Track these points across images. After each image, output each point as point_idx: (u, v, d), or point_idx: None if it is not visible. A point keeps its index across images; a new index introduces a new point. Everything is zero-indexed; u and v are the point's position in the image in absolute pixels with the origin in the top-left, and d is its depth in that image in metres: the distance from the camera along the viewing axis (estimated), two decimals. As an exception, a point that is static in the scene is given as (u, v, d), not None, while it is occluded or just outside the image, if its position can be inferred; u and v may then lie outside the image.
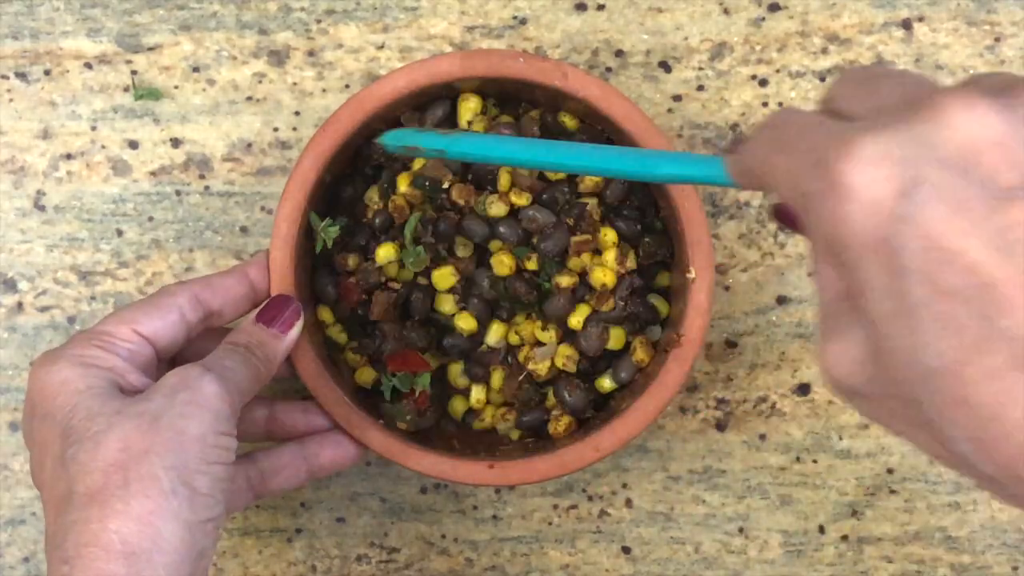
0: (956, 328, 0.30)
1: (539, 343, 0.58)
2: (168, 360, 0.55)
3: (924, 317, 0.31)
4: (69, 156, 0.63)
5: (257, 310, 0.55)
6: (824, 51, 0.62)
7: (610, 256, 0.57)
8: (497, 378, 0.59)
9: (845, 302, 0.34)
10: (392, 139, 0.54)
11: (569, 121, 0.58)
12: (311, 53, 0.63)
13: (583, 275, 0.58)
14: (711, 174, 0.41)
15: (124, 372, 0.51)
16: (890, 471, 0.63)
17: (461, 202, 0.57)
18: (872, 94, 0.35)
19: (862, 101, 0.35)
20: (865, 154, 0.31)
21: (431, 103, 0.58)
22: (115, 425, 0.47)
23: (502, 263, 0.57)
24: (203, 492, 0.48)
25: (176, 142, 0.63)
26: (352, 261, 0.58)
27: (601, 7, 0.63)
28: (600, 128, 0.58)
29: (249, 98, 0.63)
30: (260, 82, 0.63)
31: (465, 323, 0.58)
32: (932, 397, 0.31)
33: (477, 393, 0.59)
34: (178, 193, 0.63)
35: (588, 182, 0.57)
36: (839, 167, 0.32)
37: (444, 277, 0.57)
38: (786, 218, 0.40)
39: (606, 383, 0.58)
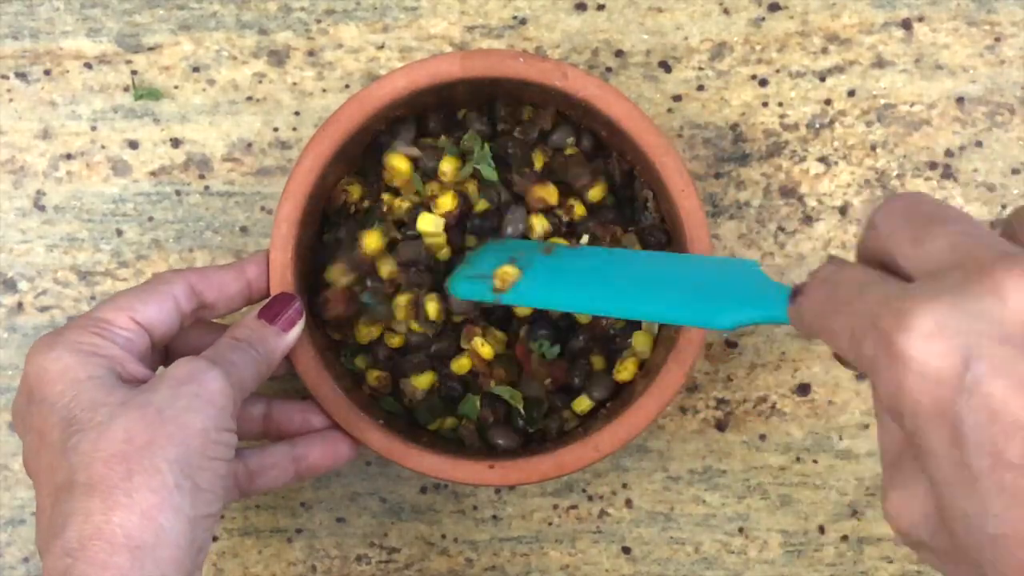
0: (1021, 499, 0.31)
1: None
2: (160, 349, 0.55)
3: (988, 487, 0.32)
4: (69, 156, 0.63)
5: (259, 306, 0.55)
6: (824, 51, 0.62)
7: None
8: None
9: (909, 453, 0.35)
10: (459, 291, 0.56)
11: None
12: (311, 53, 0.63)
13: None
14: (777, 317, 0.43)
15: (124, 361, 0.50)
16: (890, 471, 0.63)
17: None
18: (919, 243, 0.35)
19: (911, 252, 0.36)
20: (923, 326, 0.32)
21: (429, 114, 0.59)
22: (118, 416, 0.47)
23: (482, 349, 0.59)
24: (204, 487, 0.48)
25: (176, 142, 0.63)
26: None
27: (601, 7, 0.63)
28: (599, 129, 0.58)
29: (249, 98, 0.63)
30: (260, 82, 0.63)
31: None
32: (995, 563, 0.32)
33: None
34: (178, 193, 0.63)
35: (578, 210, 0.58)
36: (897, 337, 0.32)
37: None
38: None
39: (585, 402, 0.59)
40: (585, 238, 0.58)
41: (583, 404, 0.59)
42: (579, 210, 0.58)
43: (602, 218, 0.59)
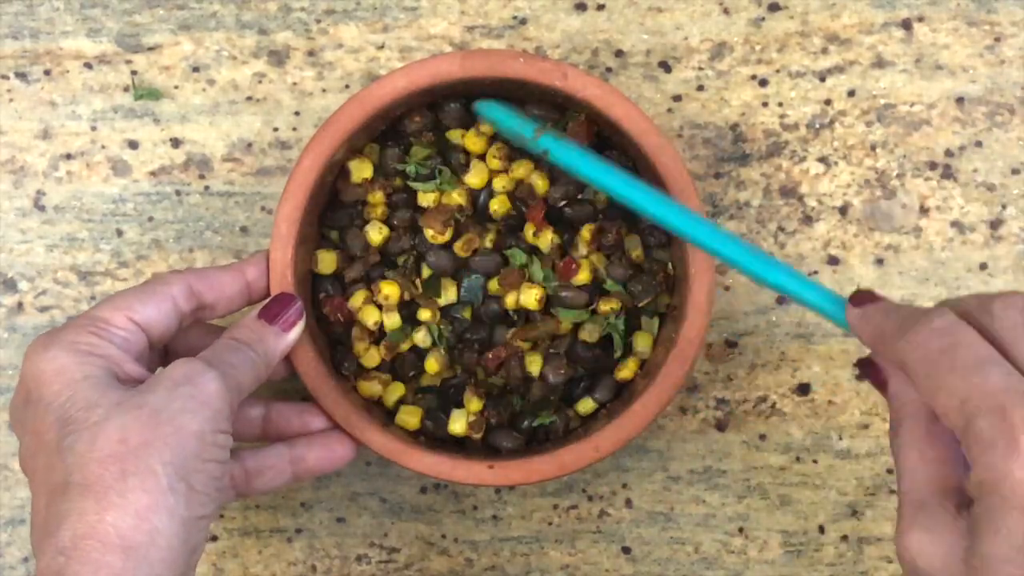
0: None
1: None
2: (159, 349, 0.55)
3: None
4: (69, 156, 0.63)
5: (259, 306, 0.55)
6: (824, 51, 0.62)
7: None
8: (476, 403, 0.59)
9: (946, 499, 0.41)
10: (490, 110, 0.56)
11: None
12: (311, 53, 0.63)
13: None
14: (827, 308, 0.47)
15: (121, 361, 0.50)
16: (890, 471, 0.63)
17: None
18: None
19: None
20: None
21: (444, 102, 0.58)
22: (113, 417, 0.47)
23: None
24: (198, 489, 0.47)
25: (176, 142, 0.63)
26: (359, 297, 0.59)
27: (601, 7, 0.63)
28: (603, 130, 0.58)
29: (249, 98, 0.63)
30: (260, 82, 0.63)
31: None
32: None
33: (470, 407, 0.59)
34: (178, 193, 0.63)
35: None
36: (1020, 432, 0.38)
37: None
38: (875, 377, 0.46)
39: (589, 404, 0.59)
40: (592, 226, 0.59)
41: (586, 405, 0.59)
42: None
43: (608, 216, 0.59)
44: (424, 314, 0.58)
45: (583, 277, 0.58)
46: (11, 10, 0.63)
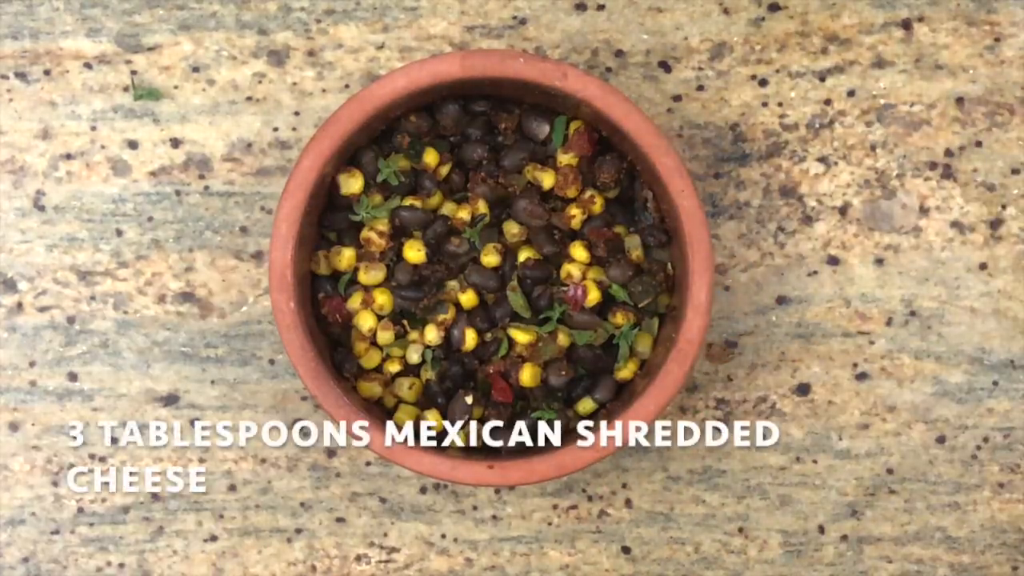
0: None
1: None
2: None
3: None
4: (69, 156, 0.63)
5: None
6: (824, 51, 0.62)
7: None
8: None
9: None
10: None
11: (547, 179, 0.58)
12: (311, 53, 0.63)
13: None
14: None
15: None
16: (890, 471, 0.63)
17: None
18: None
19: None
20: None
21: (442, 104, 0.58)
22: None
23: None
24: None
25: (176, 142, 0.63)
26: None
27: (601, 7, 0.63)
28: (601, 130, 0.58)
29: (249, 98, 0.63)
30: (260, 82, 0.63)
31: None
32: None
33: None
34: (178, 193, 0.63)
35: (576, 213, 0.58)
36: None
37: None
38: None
39: (589, 404, 0.59)
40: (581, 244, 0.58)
41: (586, 405, 0.59)
42: (598, 205, 0.58)
43: (603, 219, 0.59)
44: (414, 335, 0.58)
45: (593, 298, 0.58)
46: (11, 10, 0.63)
